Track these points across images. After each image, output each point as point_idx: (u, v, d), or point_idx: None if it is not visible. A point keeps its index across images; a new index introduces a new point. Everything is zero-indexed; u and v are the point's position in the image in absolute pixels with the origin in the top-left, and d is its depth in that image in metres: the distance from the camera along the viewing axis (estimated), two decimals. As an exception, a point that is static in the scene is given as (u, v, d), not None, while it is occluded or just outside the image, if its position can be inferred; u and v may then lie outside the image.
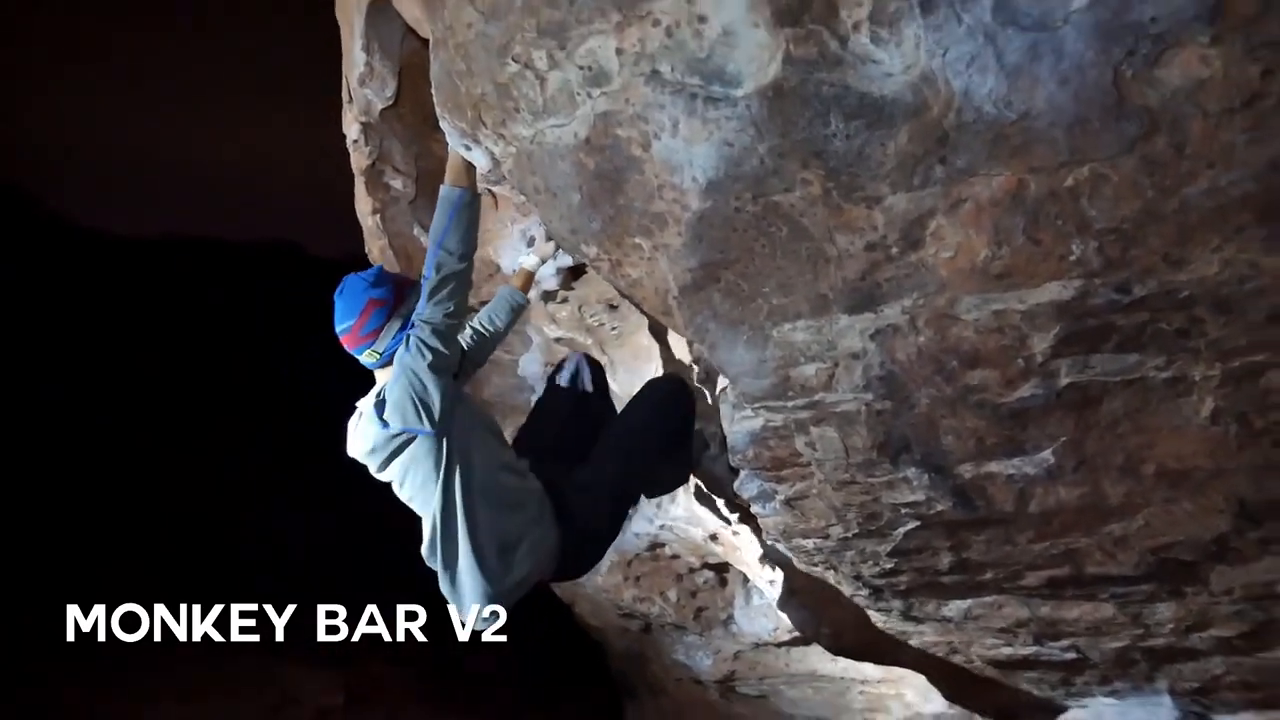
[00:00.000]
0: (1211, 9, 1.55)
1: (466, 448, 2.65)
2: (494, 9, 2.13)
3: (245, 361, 14.25)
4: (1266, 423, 2.07)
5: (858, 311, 2.14)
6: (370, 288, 2.59)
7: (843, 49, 1.79)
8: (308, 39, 3.82)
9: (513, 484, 2.77)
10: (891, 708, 4.36)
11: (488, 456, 2.72)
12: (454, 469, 2.62)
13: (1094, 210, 1.80)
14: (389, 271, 2.73)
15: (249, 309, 15.22)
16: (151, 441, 12.14)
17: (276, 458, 11.68)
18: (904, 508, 2.57)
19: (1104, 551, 2.58)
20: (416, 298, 2.58)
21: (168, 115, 20.81)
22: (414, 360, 2.52)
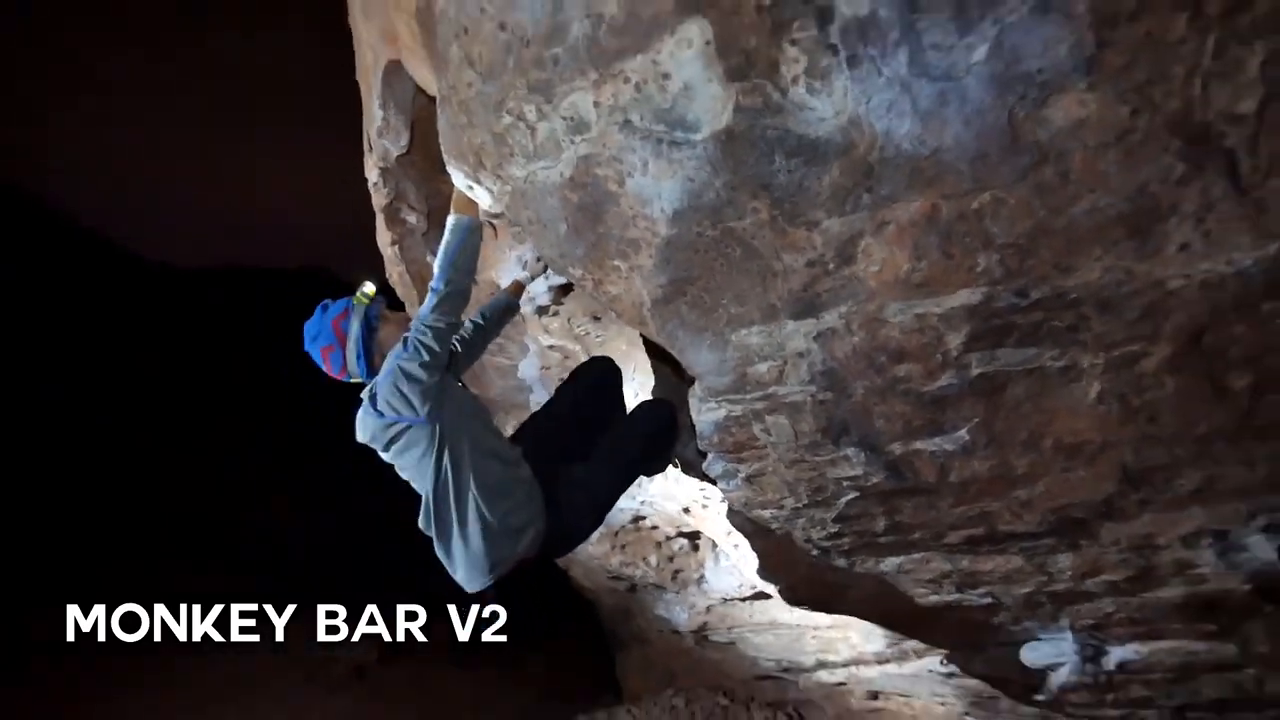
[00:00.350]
0: (1087, 61, 1.58)
1: (457, 434, 2.61)
2: (490, 71, 2.13)
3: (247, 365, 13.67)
4: (1141, 401, 2.09)
5: (802, 318, 2.15)
6: (312, 342, 2.67)
7: (784, 99, 1.81)
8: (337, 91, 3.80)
9: (498, 471, 2.70)
10: (839, 649, 4.36)
11: (476, 443, 2.66)
12: (444, 453, 2.59)
13: (996, 229, 1.82)
14: (324, 318, 2.68)
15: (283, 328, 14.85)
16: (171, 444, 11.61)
17: (276, 458, 11.16)
18: (845, 481, 2.58)
19: (1012, 513, 2.59)
20: (355, 319, 2.65)
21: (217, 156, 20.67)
22: (410, 358, 2.53)
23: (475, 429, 2.69)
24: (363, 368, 2.66)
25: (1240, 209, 1.67)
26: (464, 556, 2.66)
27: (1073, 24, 1.56)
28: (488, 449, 2.69)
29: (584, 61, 1.96)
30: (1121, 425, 2.17)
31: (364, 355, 2.64)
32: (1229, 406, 2.05)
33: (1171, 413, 2.10)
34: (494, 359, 4.29)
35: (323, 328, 2.62)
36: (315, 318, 2.65)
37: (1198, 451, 2.20)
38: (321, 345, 2.63)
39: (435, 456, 2.59)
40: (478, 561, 2.66)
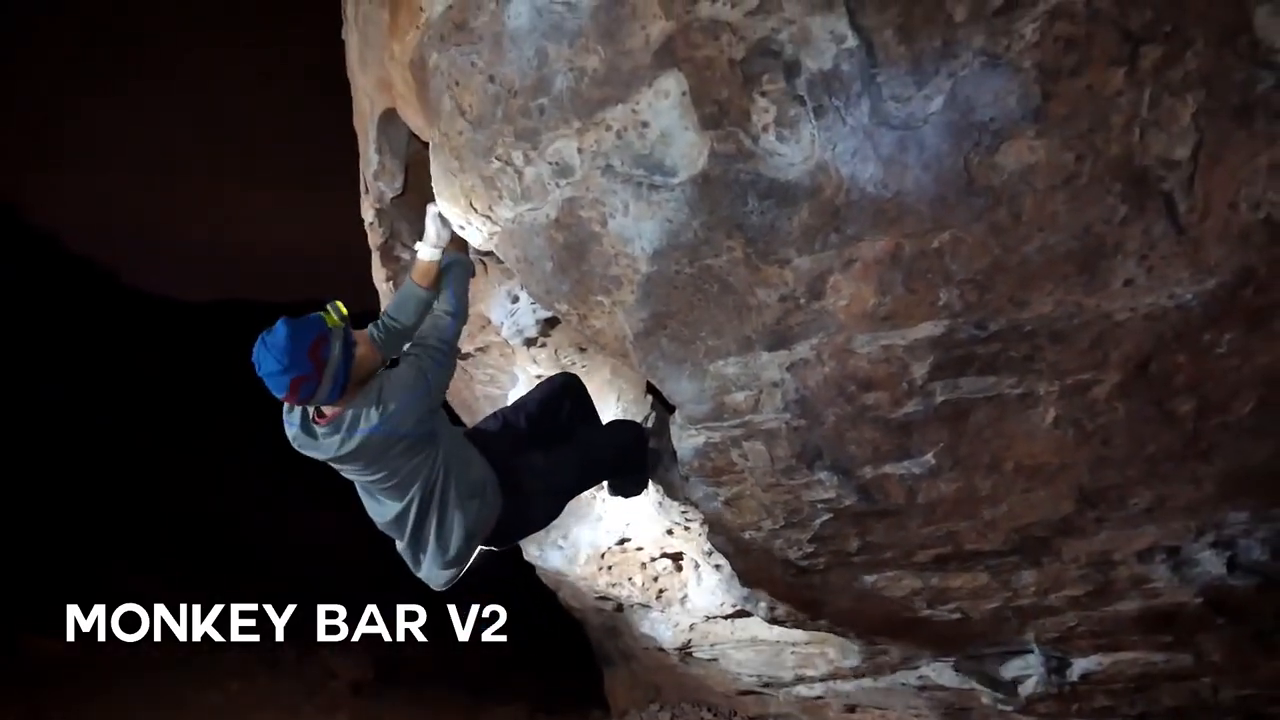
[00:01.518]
0: (1035, 111, 1.64)
1: (444, 441, 2.60)
2: (479, 120, 2.18)
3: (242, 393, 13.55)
4: (1095, 426, 2.14)
5: (775, 349, 2.19)
6: (282, 372, 2.25)
7: (755, 145, 1.86)
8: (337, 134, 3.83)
9: (471, 473, 2.67)
10: (817, 664, 4.36)
11: (454, 449, 2.65)
12: (437, 459, 2.56)
13: (955, 265, 1.87)
14: (296, 345, 2.25)
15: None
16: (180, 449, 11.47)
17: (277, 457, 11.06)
18: (819, 504, 2.61)
19: (978, 532, 2.63)
20: (336, 344, 2.31)
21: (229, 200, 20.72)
22: (442, 374, 2.52)
23: (453, 435, 2.69)
24: (335, 393, 2.35)
25: (1179, 247, 1.73)
26: (438, 557, 2.66)
27: (1020, 77, 1.62)
28: (463, 455, 2.68)
29: (568, 111, 2.01)
30: (1077, 448, 2.21)
31: (341, 382, 2.34)
32: (1175, 430, 2.10)
33: (1123, 436, 2.15)
34: (484, 388, 4.31)
35: (297, 357, 2.23)
36: (282, 345, 2.23)
37: (1148, 471, 2.24)
38: (295, 375, 2.25)
39: (429, 464, 2.54)
40: (452, 560, 2.68)
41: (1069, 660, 3.49)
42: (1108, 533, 2.54)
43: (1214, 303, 1.79)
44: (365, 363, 2.43)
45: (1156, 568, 2.65)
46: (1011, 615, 3.16)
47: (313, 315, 2.32)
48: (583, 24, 1.92)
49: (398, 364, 2.60)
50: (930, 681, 3.96)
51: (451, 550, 2.68)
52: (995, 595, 3.01)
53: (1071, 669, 3.51)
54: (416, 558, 2.74)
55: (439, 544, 2.67)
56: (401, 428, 2.42)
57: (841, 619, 3.56)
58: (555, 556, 4.89)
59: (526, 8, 1.98)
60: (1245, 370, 1.93)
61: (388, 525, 2.72)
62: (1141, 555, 2.60)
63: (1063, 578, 2.81)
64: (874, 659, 4.12)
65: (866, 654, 4.10)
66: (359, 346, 2.40)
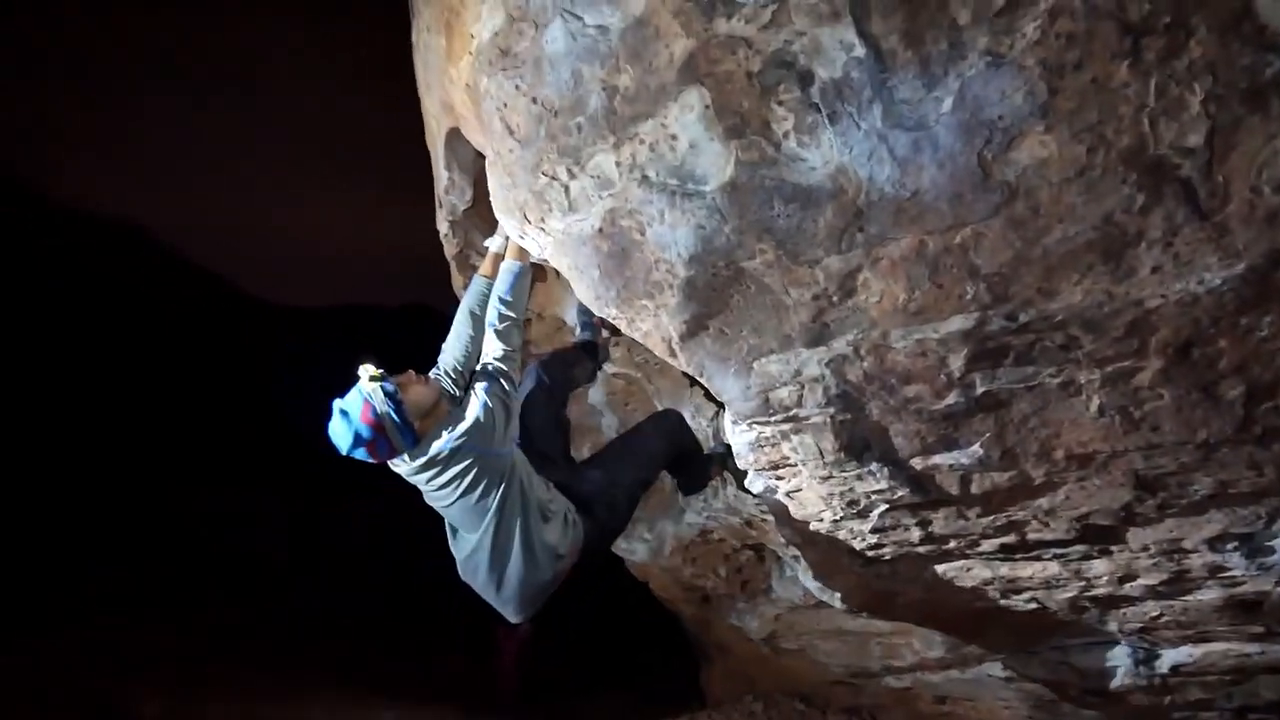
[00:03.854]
0: (1042, 106, 1.69)
1: (519, 466, 2.72)
2: (526, 139, 2.35)
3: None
4: (1142, 413, 2.14)
5: (814, 345, 2.27)
6: (355, 447, 2.56)
7: (777, 152, 1.96)
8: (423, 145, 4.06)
9: (545, 497, 2.79)
10: (904, 654, 4.38)
11: (529, 476, 2.76)
12: (513, 484, 2.67)
13: (979, 260, 1.92)
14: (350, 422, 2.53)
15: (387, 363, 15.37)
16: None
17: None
18: (873, 494, 2.67)
19: (1039, 521, 2.64)
20: (379, 402, 2.53)
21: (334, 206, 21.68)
22: (498, 390, 2.65)
23: (526, 462, 2.80)
24: (409, 439, 2.58)
25: (1204, 233, 1.74)
26: (519, 588, 2.76)
27: (1025, 74, 1.67)
28: (537, 480, 2.80)
29: (603, 127, 2.15)
30: (1126, 435, 2.22)
31: (406, 428, 2.56)
32: (1226, 415, 2.09)
33: (1172, 422, 2.14)
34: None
35: (356, 429, 2.51)
36: (341, 428, 2.54)
37: (1203, 458, 2.23)
38: (365, 445, 2.54)
39: (503, 489, 2.65)
40: (533, 591, 2.79)
41: (1157, 651, 3.44)
42: (1173, 520, 2.52)
43: (1245, 286, 1.79)
44: (420, 400, 2.63)
45: (1231, 556, 2.61)
46: (1090, 605, 3.14)
47: (353, 389, 2.57)
48: (613, 46, 2.06)
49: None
50: (1016, 673, 3.94)
51: (538, 572, 2.77)
52: (1069, 585, 3.00)
53: (1161, 660, 3.45)
54: (498, 586, 2.80)
55: (525, 569, 2.75)
56: (476, 446, 2.59)
57: (917, 609, 3.59)
58: (642, 549, 5.07)
59: (562, 33, 2.13)
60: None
61: (466, 562, 2.81)
62: (1212, 543, 2.57)
63: (1135, 567, 2.79)
64: (958, 649, 4.12)
65: (950, 645, 4.11)
66: (406, 390, 2.59)
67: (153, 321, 15.69)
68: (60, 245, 16.12)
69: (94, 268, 16.50)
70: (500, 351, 2.73)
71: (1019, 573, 3.02)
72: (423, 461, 2.61)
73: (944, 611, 3.52)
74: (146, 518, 10.40)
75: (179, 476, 11.56)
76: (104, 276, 16.45)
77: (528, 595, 2.80)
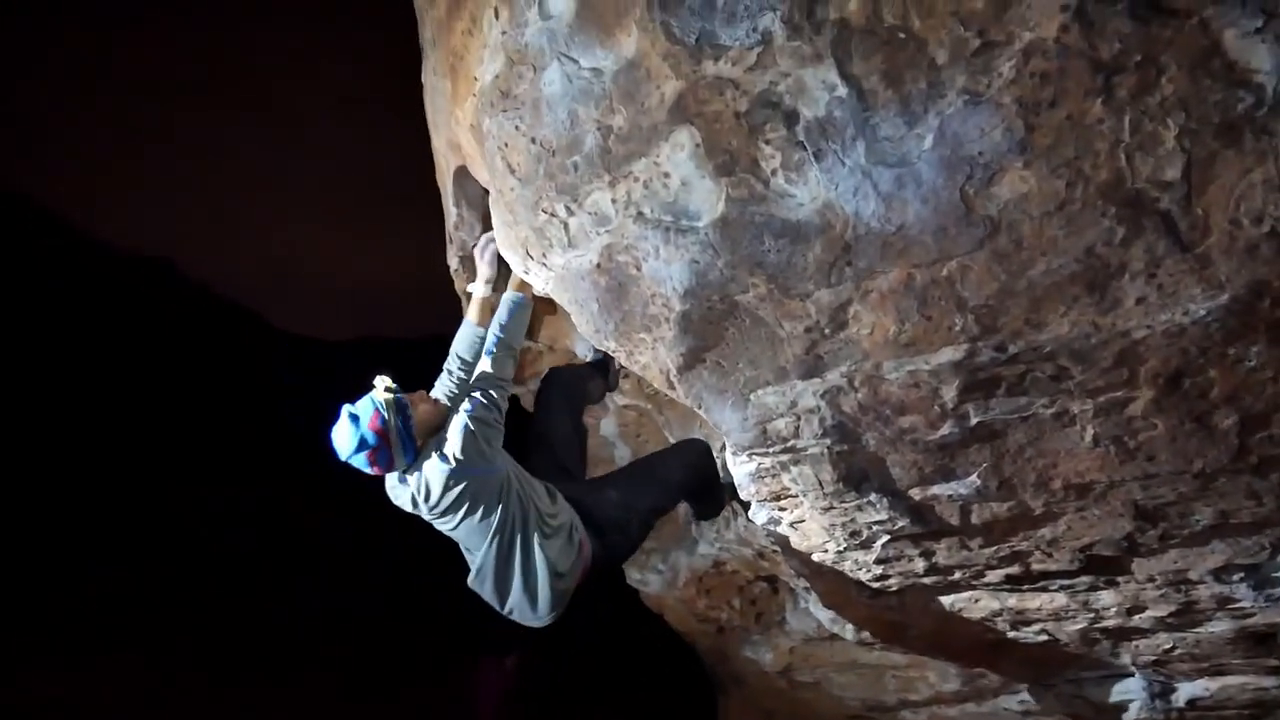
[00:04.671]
0: (1020, 143, 1.73)
1: (516, 482, 2.76)
2: (527, 177, 2.41)
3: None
4: (1137, 443, 2.15)
5: (808, 377, 2.30)
6: (356, 452, 2.59)
7: (766, 189, 2.01)
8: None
9: (548, 510, 2.83)
10: (919, 688, 4.35)
11: (529, 492, 2.80)
12: (511, 500, 2.72)
13: (966, 292, 1.95)
14: (358, 428, 2.58)
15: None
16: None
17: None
18: (875, 525, 2.68)
19: (1042, 551, 2.64)
20: (392, 414, 2.59)
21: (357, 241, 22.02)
22: (482, 411, 2.68)
23: (523, 475, 2.85)
24: (410, 454, 2.65)
25: (1186, 264, 1.76)
26: (527, 602, 2.83)
27: (1002, 112, 1.71)
28: (538, 494, 2.84)
29: (598, 166, 2.21)
30: (1122, 465, 2.23)
31: (409, 443, 2.63)
32: (1221, 444, 2.09)
33: (1167, 452, 2.15)
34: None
35: (361, 435, 2.57)
36: (348, 432, 2.59)
37: (1201, 487, 2.23)
38: (368, 451, 2.59)
39: (502, 506, 2.71)
40: (543, 604, 2.84)
41: (1173, 685, 3.40)
42: (1176, 551, 2.51)
43: (1230, 317, 1.81)
44: (428, 418, 2.70)
45: (1238, 587, 2.60)
46: (1101, 637, 3.12)
47: (365, 398, 2.64)
48: (606, 88, 2.12)
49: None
50: (1031, 707, 3.90)
51: (540, 592, 2.82)
52: (1078, 616, 2.99)
53: (1177, 694, 3.42)
54: (503, 598, 2.87)
55: (525, 585, 2.81)
56: (466, 468, 2.64)
57: (929, 641, 3.58)
58: (655, 581, 5.07)
59: (559, 76, 2.20)
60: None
61: (476, 576, 2.85)
62: (1218, 574, 2.56)
63: (1142, 598, 2.78)
64: (974, 682, 4.09)
65: (965, 678, 4.08)
66: (416, 406, 2.67)
67: (179, 353, 15.99)
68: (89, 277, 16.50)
69: (121, 299, 16.87)
70: (491, 378, 2.78)
71: (1027, 604, 3.01)
72: (412, 485, 2.69)
73: (956, 643, 3.50)
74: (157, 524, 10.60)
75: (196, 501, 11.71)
76: (131, 308, 16.81)
77: (532, 608, 2.85)
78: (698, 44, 1.92)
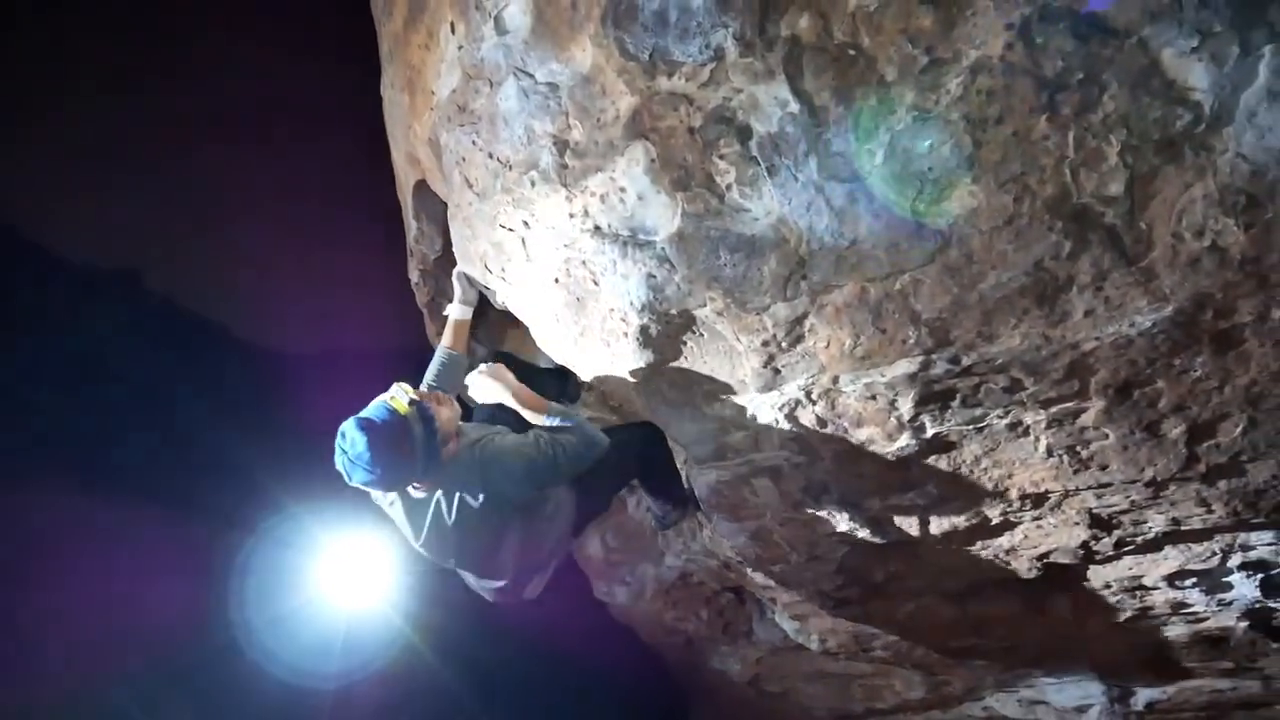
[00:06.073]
0: (968, 159, 1.74)
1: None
2: (484, 192, 2.40)
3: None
4: (1090, 453, 2.18)
5: (766, 390, 2.31)
6: (379, 479, 2.23)
7: (721, 204, 2.01)
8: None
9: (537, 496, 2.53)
10: (885, 696, 4.37)
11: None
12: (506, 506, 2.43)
13: (919, 305, 1.97)
14: (376, 453, 2.17)
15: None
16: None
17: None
18: (835, 536, 2.70)
19: (1000, 560, 2.67)
20: (417, 427, 2.23)
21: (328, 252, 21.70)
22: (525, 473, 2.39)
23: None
24: (433, 470, 2.31)
25: (1131, 277, 1.79)
26: (513, 577, 2.60)
27: (950, 128, 1.73)
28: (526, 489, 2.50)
29: (555, 181, 2.21)
30: (1076, 474, 2.25)
31: (434, 457, 2.28)
32: (1170, 453, 2.13)
33: (1119, 461, 2.18)
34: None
35: (386, 459, 2.19)
36: (368, 457, 2.17)
37: (1153, 495, 2.26)
38: (391, 477, 2.26)
39: (500, 514, 2.44)
40: (527, 577, 2.65)
41: (1132, 689, 3.44)
42: (1131, 558, 2.55)
43: (1175, 328, 1.84)
44: (449, 425, 2.35)
45: (1191, 592, 2.64)
46: (1059, 644, 3.15)
47: (382, 409, 2.23)
48: (562, 103, 2.12)
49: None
50: (995, 713, 3.94)
51: (537, 563, 2.64)
52: (1036, 623, 3.02)
53: (1136, 698, 3.47)
54: (492, 579, 2.63)
55: (526, 560, 2.58)
56: (504, 504, 2.41)
57: (892, 650, 3.60)
58: (623, 593, 5.06)
59: (515, 91, 2.19)
60: (1227, 392, 1.97)
61: (456, 565, 2.59)
62: (1171, 580, 2.60)
63: (1098, 604, 2.81)
64: (939, 690, 4.12)
65: (930, 685, 4.11)
66: (440, 414, 2.31)
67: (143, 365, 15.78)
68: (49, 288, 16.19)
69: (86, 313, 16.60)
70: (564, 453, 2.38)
71: (987, 611, 3.03)
72: (430, 507, 2.41)
73: (918, 651, 3.53)
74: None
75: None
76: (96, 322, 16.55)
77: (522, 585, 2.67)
78: (651, 60, 1.92)
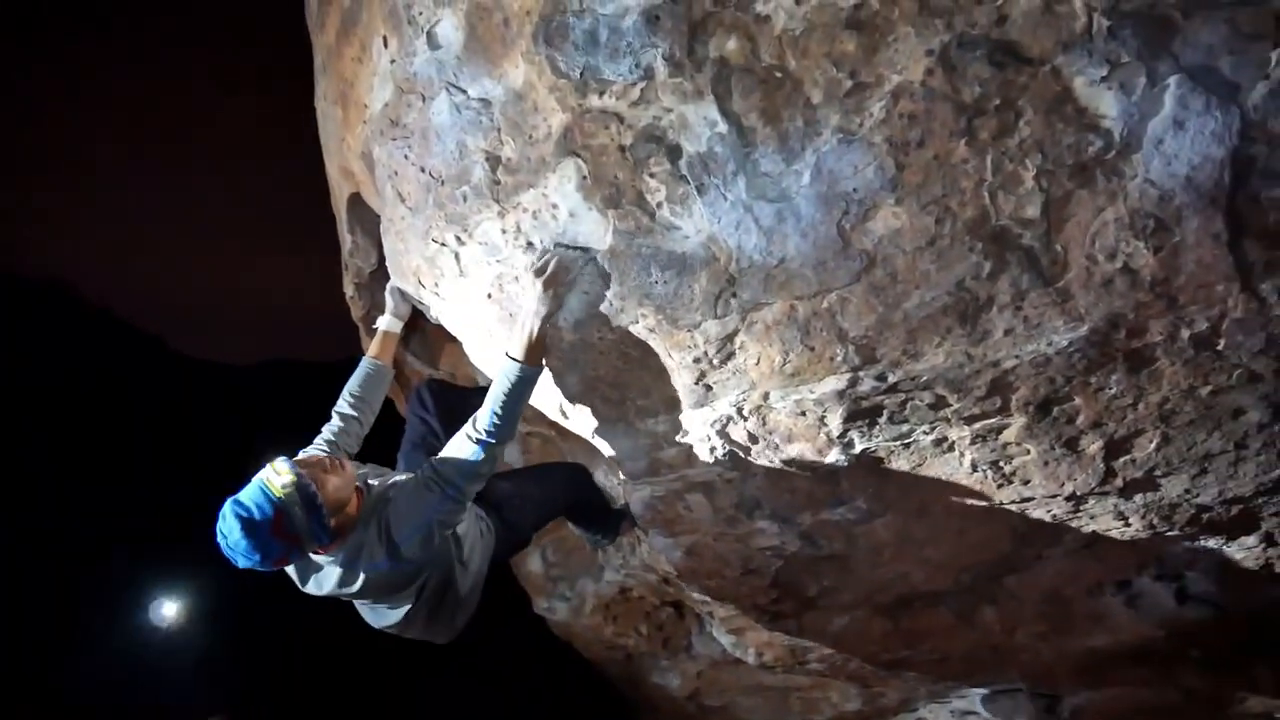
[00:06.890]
0: (891, 181, 1.78)
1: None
2: (417, 206, 2.38)
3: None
4: (1012, 468, 2.23)
5: (699, 407, 2.32)
6: (263, 561, 2.10)
7: (652, 221, 2.02)
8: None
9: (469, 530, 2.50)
10: (822, 708, 4.40)
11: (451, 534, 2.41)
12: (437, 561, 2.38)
13: (846, 323, 1.99)
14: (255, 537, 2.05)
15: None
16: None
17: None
18: (768, 550, 2.71)
19: (927, 573, 2.71)
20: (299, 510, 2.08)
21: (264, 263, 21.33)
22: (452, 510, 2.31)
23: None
24: (325, 539, 2.17)
25: (1048, 298, 1.84)
26: (445, 631, 2.58)
27: (874, 151, 1.76)
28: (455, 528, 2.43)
29: (487, 196, 2.19)
30: (1000, 489, 2.30)
31: (323, 532, 2.15)
32: (1089, 468, 2.18)
33: (1040, 475, 2.23)
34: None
35: (266, 547, 2.07)
36: (245, 545, 2.05)
37: (1073, 509, 2.32)
38: (274, 559, 2.12)
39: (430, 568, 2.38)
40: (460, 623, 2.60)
41: (1059, 697, 3.51)
42: (1053, 569, 2.60)
43: (1090, 347, 1.89)
44: (339, 494, 2.21)
45: (1110, 602, 2.70)
46: (988, 655, 3.20)
47: (257, 493, 2.09)
48: (495, 119, 2.11)
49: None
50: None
51: (458, 618, 2.58)
52: (965, 634, 3.06)
53: (1062, 706, 3.53)
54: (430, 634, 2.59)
55: (450, 619, 2.55)
56: (411, 562, 2.29)
57: (827, 663, 3.62)
58: (562, 608, 5.02)
59: (447, 106, 2.18)
60: (1141, 409, 2.02)
61: (392, 628, 2.52)
62: (1091, 590, 2.66)
63: (1022, 615, 2.87)
64: (874, 702, 4.16)
65: (866, 697, 4.15)
66: (324, 486, 2.17)
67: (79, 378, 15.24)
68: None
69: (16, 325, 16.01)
70: (471, 473, 2.30)
71: (917, 624, 3.07)
72: (338, 571, 2.28)
73: (852, 664, 3.55)
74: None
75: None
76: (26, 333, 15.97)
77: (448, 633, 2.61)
78: (583, 78, 1.92)
